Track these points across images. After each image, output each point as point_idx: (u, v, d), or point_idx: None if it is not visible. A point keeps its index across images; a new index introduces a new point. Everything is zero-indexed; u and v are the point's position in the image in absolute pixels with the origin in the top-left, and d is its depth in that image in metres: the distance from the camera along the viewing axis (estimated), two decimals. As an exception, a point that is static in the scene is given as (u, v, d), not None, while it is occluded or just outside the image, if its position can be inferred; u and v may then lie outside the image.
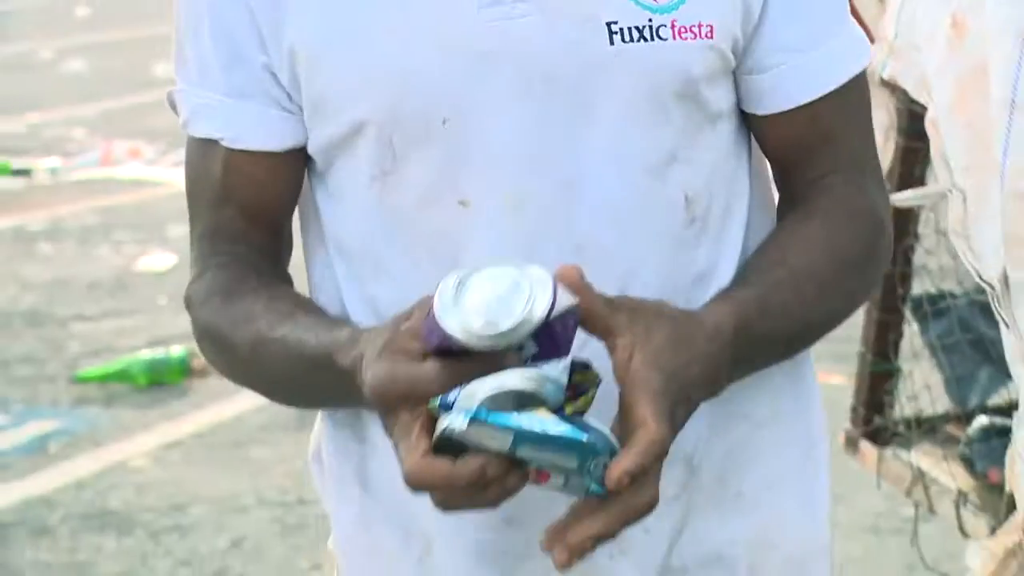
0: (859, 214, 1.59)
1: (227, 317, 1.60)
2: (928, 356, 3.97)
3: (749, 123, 1.66)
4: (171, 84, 1.68)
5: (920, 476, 3.71)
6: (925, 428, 3.91)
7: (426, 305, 1.26)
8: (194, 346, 5.30)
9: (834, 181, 1.59)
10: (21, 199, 10.04)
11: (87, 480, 6.03)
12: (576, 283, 1.26)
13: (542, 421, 1.22)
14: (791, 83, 1.60)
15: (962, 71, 2.76)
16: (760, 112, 1.62)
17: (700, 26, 1.51)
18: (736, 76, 1.59)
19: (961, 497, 3.51)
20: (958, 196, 2.85)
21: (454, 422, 1.22)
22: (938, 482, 3.64)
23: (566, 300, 1.24)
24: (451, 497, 1.24)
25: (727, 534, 1.67)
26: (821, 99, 1.60)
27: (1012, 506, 3.17)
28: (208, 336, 1.68)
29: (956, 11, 2.79)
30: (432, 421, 1.27)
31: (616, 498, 1.23)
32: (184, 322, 1.61)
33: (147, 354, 7.06)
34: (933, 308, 3.90)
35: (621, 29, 1.49)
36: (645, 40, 1.49)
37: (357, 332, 1.42)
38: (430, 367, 1.25)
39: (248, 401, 6.55)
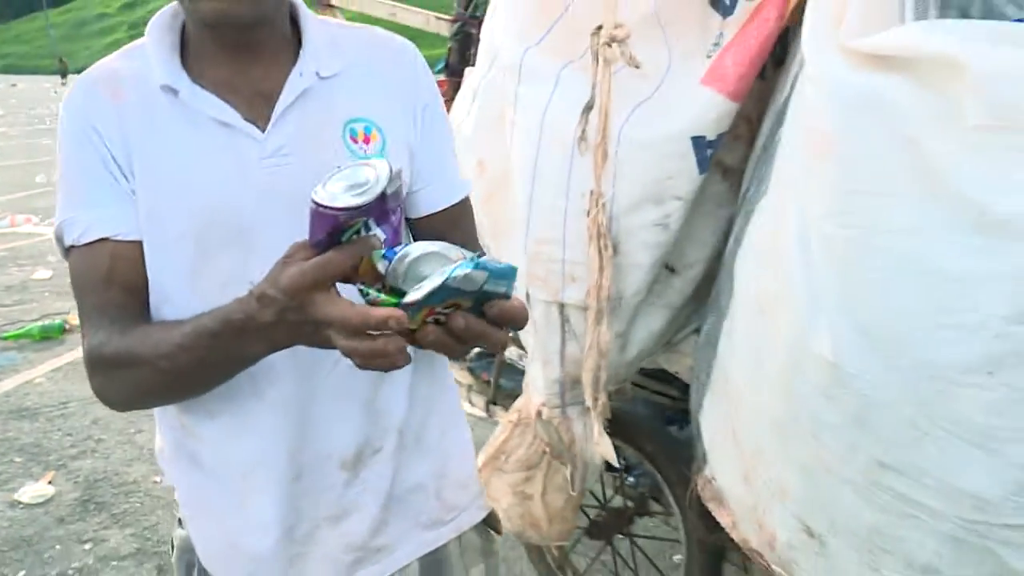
0: None
1: (130, 341, 1.13)
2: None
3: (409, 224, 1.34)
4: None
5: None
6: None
7: (296, 245, 0.97)
8: (67, 317, 4.61)
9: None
10: (-34, 245, 8.60)
11: (11, 391, 5.16)
12: None
13: (494, 263, 0.90)
14: (435, 196, 1.33)
15: (485, 188, 2.40)
16: (416, 216, 1.33)
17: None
18: None
19: (469, 388, 3.25)
20: (487, 250, 2.51)
21: (457, 271, 0.88)
22: (459, 382, 3.30)
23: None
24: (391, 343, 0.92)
25: (422, 472, 1.37)
26: (452, 205, 1.35)
27: (496, 393, 3.10)
28: (114, 363, 1.14)
29: (480, 157, 2.44)
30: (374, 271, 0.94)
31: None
32: (60, 304, 1.07)
33: (40, 323, 6.14)
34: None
35: None
36: None
37: (245, 296, 1.03)
38: (330, 253, 0.93)
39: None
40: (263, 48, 1.22)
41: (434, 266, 0.91)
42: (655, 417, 2.78)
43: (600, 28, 2.00)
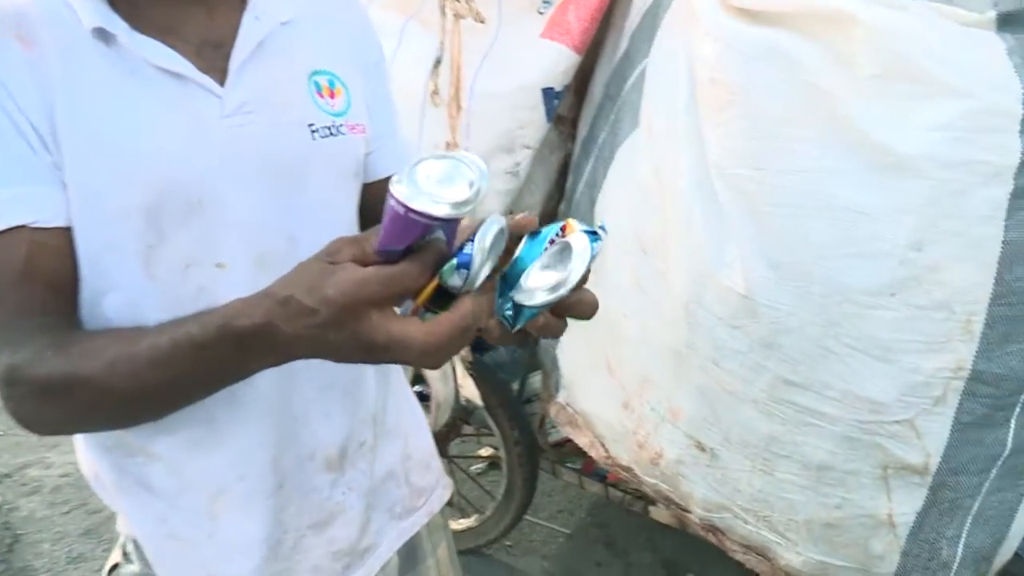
0: None
1: (70, 359, 0.76)
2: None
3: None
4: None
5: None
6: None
7: (342, 242, 0.67)
8: None
9: None
10: None
11: None
12: None
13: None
14: (389, 159, 1.05)
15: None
16: (368, 180, 1.04)
17: (359, 125, 0.98)
18: None
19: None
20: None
21: (596, 247, 0.66)
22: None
23: None
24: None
25: (391, 458, 1.11)
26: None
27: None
28: (49, 387, 0.77)
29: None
30: (442, 293, 0.67)
31: None
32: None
33: None
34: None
35: (318, 128, 0.93)
36: (333, 136, 0.94)
37: (252, 296, 0.71)
38: (404, 265, 0.65)
39: None
40: None
41: (500, 240, 0.68)
42: (471, 348, 2.66)
43: (449, -17, 1.78)
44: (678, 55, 1.53)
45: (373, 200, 1.04)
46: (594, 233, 0.69)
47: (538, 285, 0.67)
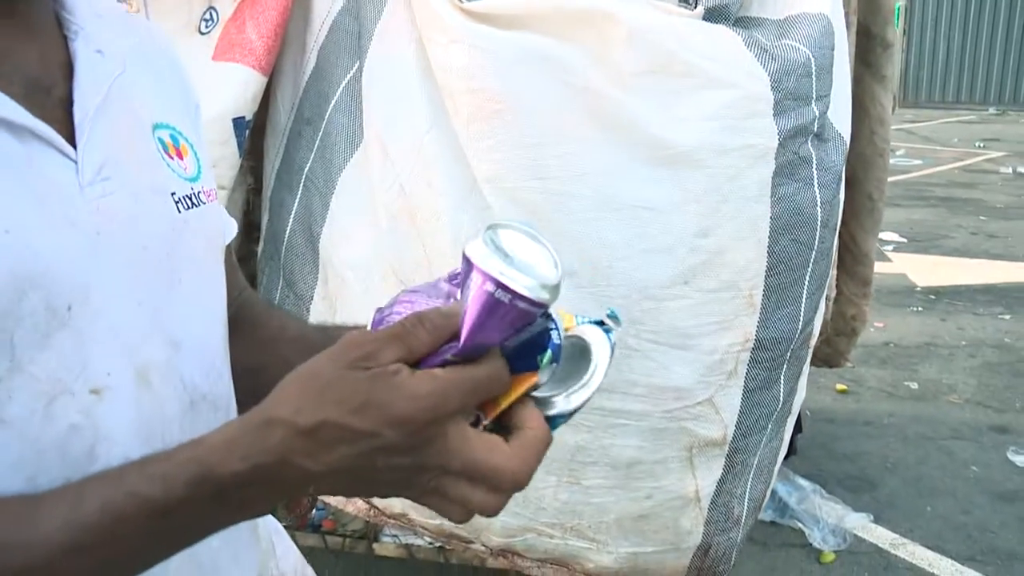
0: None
1: None
2: None
3: None
4: None
5: None
6: None
7: (375, 342, 0.47)
8: None
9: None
10: None
11: None
12: None
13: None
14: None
15: None
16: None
17: (213, 190, 0.72)
18: None
19: None
20: None
21: (612, 336, 0.54)
22: None
23: None
24: None
25: None
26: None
27: None
28: None
29: None
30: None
31: None
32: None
33: None
34: None
35: (181, 198, 0.67)
36: (196, 207, 0.68)
37: (234, 427, 0.49)
38: (493, 364, 0.48)
39: None
40: (15, 7, 0.60)
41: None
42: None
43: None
44: (407, 66, 1.38)
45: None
46: (600, 323, 0.56)
47: (554, 391, 0.53)
